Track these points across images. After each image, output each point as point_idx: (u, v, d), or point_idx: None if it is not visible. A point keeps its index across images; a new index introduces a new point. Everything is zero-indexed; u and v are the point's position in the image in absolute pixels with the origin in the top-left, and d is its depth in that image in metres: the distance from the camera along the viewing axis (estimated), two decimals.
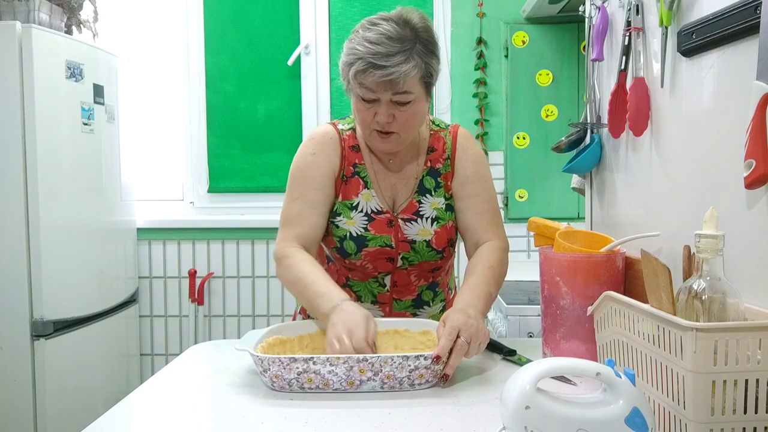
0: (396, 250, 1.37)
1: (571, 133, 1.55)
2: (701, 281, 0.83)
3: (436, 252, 1.38)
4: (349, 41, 1.26)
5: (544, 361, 0.79)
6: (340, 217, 1.37)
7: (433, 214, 1.38)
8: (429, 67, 1.27)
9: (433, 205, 1.39)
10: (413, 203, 1.38)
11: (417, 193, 1.39)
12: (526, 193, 2.79)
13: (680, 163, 1.10)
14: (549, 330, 1.23)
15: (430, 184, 1.40)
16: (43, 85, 2.22)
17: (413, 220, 1.37)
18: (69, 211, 2.35)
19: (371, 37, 1.22)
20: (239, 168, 2.92)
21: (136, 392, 1.11)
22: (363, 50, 1.21)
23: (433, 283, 1.45)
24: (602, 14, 1.38)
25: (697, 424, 0.76)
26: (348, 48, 1.25)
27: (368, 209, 1.37)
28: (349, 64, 1.24)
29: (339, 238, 1.37)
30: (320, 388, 1.06)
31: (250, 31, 2.89)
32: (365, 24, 1.26)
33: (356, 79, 1.23)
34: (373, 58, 1.20)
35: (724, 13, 0.93)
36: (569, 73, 2.74)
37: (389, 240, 1.36)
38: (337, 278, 1.43)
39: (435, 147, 1.41)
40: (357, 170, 1.38)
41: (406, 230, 1.37)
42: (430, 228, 1.37)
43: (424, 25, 1.27)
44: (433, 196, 1.39)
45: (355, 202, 1.37)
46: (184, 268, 2.88)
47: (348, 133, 1.41)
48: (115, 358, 2.64)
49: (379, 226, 1.36)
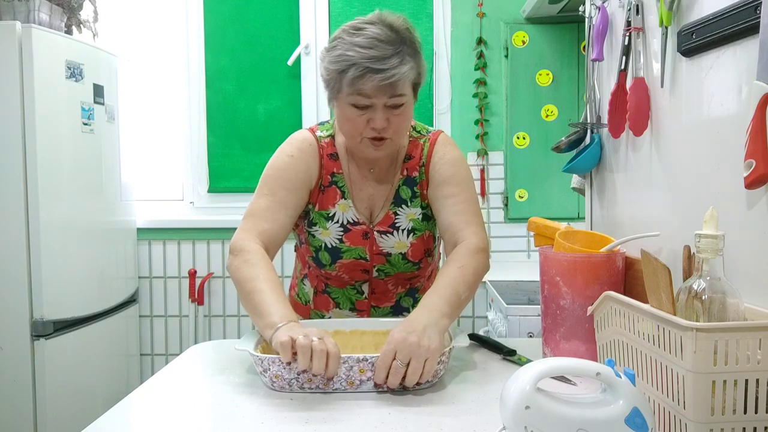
0: (371, 263, 1.36)
1: (571, 133, 1.55)
2: (701, 281, 0.83)
3: (412, 264, 1.36)
4: (331, 49, 1.22)
5: (544, 361, 0.79)
6: (316, 227, 1.35)
7: (410, 226, 1.35)
8: (419, 68, 1.25)
9: (409, 216, 1.36)
10: (389, 215, 1.35)
11: (393, 204, 1.36)
12: (526, 193, 2.79)
13: (680, 163, 1.10)
14: (549, 330, 1.23)
15: (406, 194, 1.36)
16: (43, 85, 2.22)
17: (389, 232, 1.34)
18: (69, 211, 2.35)
19: (361, 42, 1.18)
20: (239, 168, 2.92)
21: (136, 392, 1.11)
22: (356, 55, 1.17)
23: (411, 289, 1.43)
24: (602, 14, 1.38)
25: (697, 424, 0.76)
26: (334, 56, 1.20)
27: (344, 220, 1.34)
28: (340, 72, 1.19)
29: (315, 248, 1.35)
30: (320, 388, 1.06)
31: (250, 31, 2.89)
32: (348, 30, 1.22)
33: (353, 86, 1.19)
34: (370, 62, 1.16)
35: (724, 13, 0.93)
36: (569, 73, 2.74)
37: (363, 252, 1.34)
38: (317, 284, 1.43)
39: (412, 155, 1.37)
40: (335, 180, 1.35)
41: (382, 243, 1.34)
42: (406, 240, 1.34)
43: (407, 26, 1.24)
44: (409, 206, 1.36)
45: (331, 213, 1.34)
46: (184, 268, 2.88)
47: (326, 140, 1.37)
48: (115, 358, 2.64)
49: (354, 237, 1.34)
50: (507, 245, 2.82)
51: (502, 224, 2.83)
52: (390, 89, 1.19)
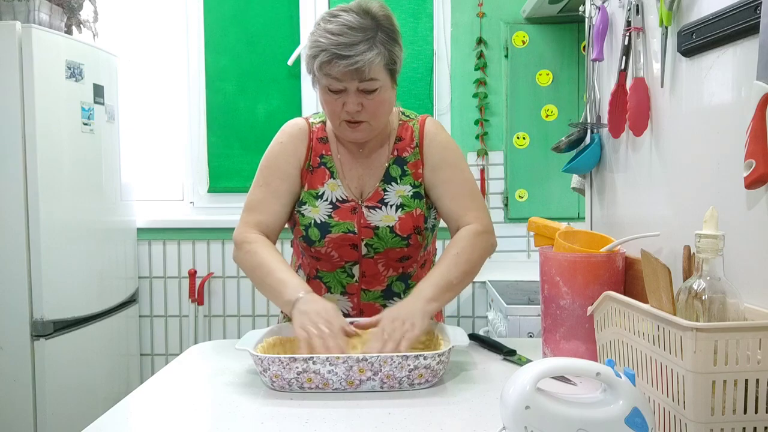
0: (359, 236, 1.37)
1: (571, 133, 1.55)
2: (701, 281, 0.83)
3: (400, 238, 1.37)
4: (311, 34, 1.28)
5: (544, 361, 0.79)
6: (305, 206, 1.39)
7: (398, 202, 1.38)
8: (392, 55, 1.29)
9: (398, 193, 1.39)
10: (378, 191, 1.39)
11: (382, 181, 1.40)
12: (526, 193, 2.79)
13: (680, 163, 1.10)
14: (549, 330, 1.23)
15: (396, 172, 1.40)
16: (43, 85, 2.22)
17: (377, 207, 1.38)
18: (69, 211, 2.35)
19: (333, 29, 1.24)
20: (239, 168, 2.92)
21: (136, 392, 1.12)
22: (326, 42, 1.23)
23: (404, 274, 1.43)
24: (602, 14, 1.38)
25: (697, 424, 0.76)
26: (311, 41, 1.27)
27: (333, 198, 1.39)
28: (313, 57, 1.26)
29: (304, 227, 1.38)
30: (320, 387, 1.06)
31: (250, 31, 2.89)
32: (326, 17, 1.28)
33: (321, 70, 1.26)
34: (337, 48, 1.22)
35: (724, 13, 0.93)
36: (569, 73, 2.74)
37: (352, 226, 1.37)
38: (309, 270, 1.45)
39: (403, 136, 1.42)
40: (324, 161, 1.41)
41: (369, 217, 1.38)
42: (395, 214, 1.37)
43: (385, 13, 1.29)
44: (398, 183, 1.39)
45: (320, 192, 1.39)
46: (184, 268, 2.88)
47: (318, 125, 1.44)
48: (115, 358, 2.64)
49: (343, 213, 1.38)
50: (507, 245, 2.82)
51: (502, 224, 2.83)
52: (357, 74, 1.24)
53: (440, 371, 1.09)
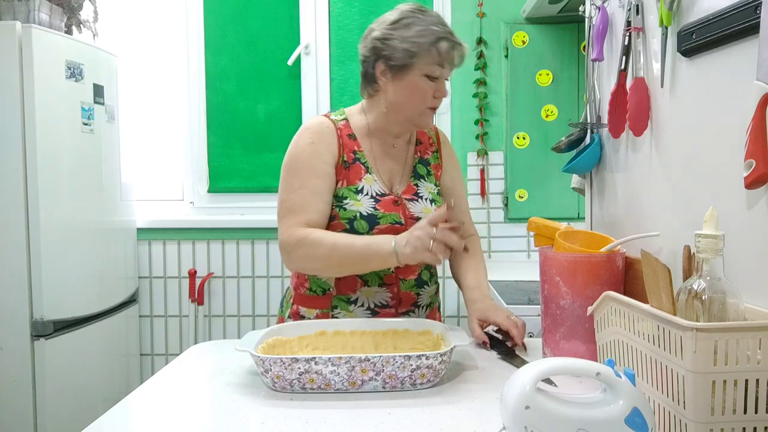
0: (405, 227, 1.38)
1: (571, 133, 1.55)
2: (701, 281, 0.83)
3: None
4: (406, 26, 1.33)
5: (544, 361, 0.80)
6: (347, 200, 1.39)
7: (430, 197, 1.47)
8: None
9: (428, 189, 1.48)
10: (411, 185, 1.46)
11: (413, 177, 1.47)
12: (526, 193, 2.79)
13: (680, 163, 1.10)
14: (549, 330, 1.23)
15: (422, 170, 1.49)
16: (43, 85, 2.22)
17: (414, 200, 1.44)
18: (69, 211, 2.35)
19: (436, 21, 1.34)
20: (239, 168, 2.92)
21: (136, 392, 1.12)
22: (440, 30, 1.32)
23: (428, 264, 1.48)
24: (602, 14, 1.38)
25: (697, 424, 0.76)
26: (418, 30, 1.32)
27: (372, 192, 1.40)
28: (432, 43, 1.31)
29: (348, 220, 1.38)
30: (322, 388, 1.06)
31: (250, 31, 2.89)
32: (415, 13, 1.35)
33: (441, 56, 1.32)
34: (452, 37, 1.33)
35: (724, 13, 0.93)
36: (569, 73, 2.74)
37: (398, 217, 1.39)
38: None
39: (421, 140, 1.52)
40: (357, 156, 1.42)
41: (411, 208, 1.43)
42: (431, 207, 1.44)
43: None
44: (426, 181, 1.48)
45: (359, 186, 1.40)
46: (184, 268, 2.88)
47: (342, 123, 1.45)
48: (115, 358, 2.64)
49: (387, 205, 1.40)
50: (507, 245, 2.82)
51: (502, 224, 2.83)
52: (459, 63, 1.37)
53: (442, 371, 1.09)
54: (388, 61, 1.34)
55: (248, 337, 1.17)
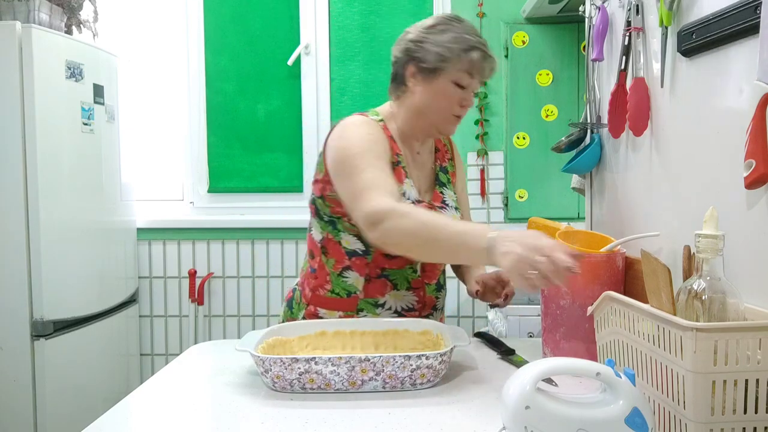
0: None
1: (571, 133, 1.55)
2: (701, 281, 0.83)
3: None
4: (442, 31, 1.33)
5: (544, 361, 0.79)
6: None
7: (453, 204, 1.48)
8: None
9: (450, 197, 1.48)
10: (437, 193, 1.46)
11: (437, 185, 1.47)
12: (526, 193, 2.79)
13: (680, 163, 1.10)
14: (549, 330, 1.23)
15: (443, 178, 1.50)
16: (43, 85, 2.22)
17: (443, 207, 1.45)
18: (69, 212, 2.35)
19: (471, 31, 1.34)
20: (239, 168, 2.92)
21: (136, 392, 1.12)
22: (474, 40, 1.32)
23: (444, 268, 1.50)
24: (602, 14, 1.38)
25: (697, 424, 0.76)
26: (452, 36, 1.31)
27: (411, 197, 1.38)
28: (464, 50, 1.31)
29: None
30: (322, 388, 1.06)
31: (250, 31, 2.89)
32: (452, 21, 1.35)
33: (472, 65, 1.31)
34: (486, 48, 1.34)
35: (724, 13, 0.93)
36: (569, 73, 2.74)
37: None
38: (369, 271, 1.40)
39: (438, 147, 1.52)
40: (399, 159, 1.40)
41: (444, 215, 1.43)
42: (456, 214, 1.46)
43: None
44: (448, 188, 1.49)
45: (402, 190, 1.37)
46: (184, 268, 2.88)
47: (381, 124, 1.40)
48: (115, 358, 2.64)
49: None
50: None
51: (502, 224, 2.82)
52: (490, 75, 1.37)
53: (442, 371, 1.09)
54: (419, 63, 1.33)
55: (248, 337, 1.17)
